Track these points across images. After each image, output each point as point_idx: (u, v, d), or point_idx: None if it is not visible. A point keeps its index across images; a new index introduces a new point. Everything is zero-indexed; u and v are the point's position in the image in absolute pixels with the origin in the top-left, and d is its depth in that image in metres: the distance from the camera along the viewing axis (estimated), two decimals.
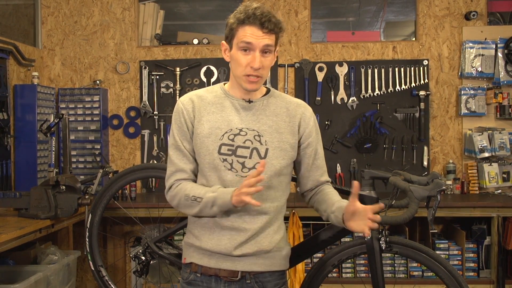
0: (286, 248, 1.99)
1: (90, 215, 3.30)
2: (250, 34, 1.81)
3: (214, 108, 1.93)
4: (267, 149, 1.89)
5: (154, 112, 4.43)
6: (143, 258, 2.88)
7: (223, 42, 1.93)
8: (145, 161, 4.47)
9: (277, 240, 1.93)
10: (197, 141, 1.90)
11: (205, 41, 4.49)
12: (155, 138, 4.45)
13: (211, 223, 1.89)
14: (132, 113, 4.49)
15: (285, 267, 2.00)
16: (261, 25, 1.80)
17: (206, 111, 1.92)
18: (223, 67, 4.40)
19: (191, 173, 1.94)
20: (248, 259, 1.88)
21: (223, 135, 1.88)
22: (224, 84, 2.00)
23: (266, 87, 2.01)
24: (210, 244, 1.88)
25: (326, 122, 4.32)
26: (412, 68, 4.32)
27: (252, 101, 1.93)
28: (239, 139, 1.88)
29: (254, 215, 1.87)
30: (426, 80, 4.31)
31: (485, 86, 4.26)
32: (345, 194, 2.42)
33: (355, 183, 1.77)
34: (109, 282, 3.30)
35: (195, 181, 1.95)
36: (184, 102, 1.95)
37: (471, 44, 4.25)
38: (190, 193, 1.86)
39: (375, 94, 4.32)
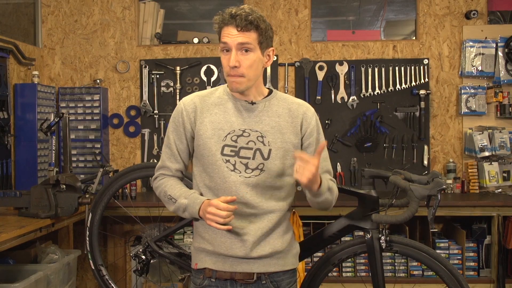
0: (296, 247, 2.05)
1: (90, 214, 3.30)
2: (227, 33, 1.85)
3: (217, 109, 1.94)
4: (270, 150, 1.90)
5: (154, 111, 4.43)
6: (143, 257, 2.88)
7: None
8: (145, 160, 4.47)
9: (288, 240, 1.98)
10: (200, 142, 1.92)
11: (205, 40, 4.49)
12: (155, 137, 4.45)
13: None
14: (132, 112, 4.49)
15: (296, 265, 2.04)
16: (235, 23, 1.83)
17: (209, 112, 1.94)
18: None
19: (175, 172, 2.00)
20: (263, 260, 1.91)
21: (226, 136, 1.90)
22: (228, 85, 2.01)
23: (268, 89, 2.02)
24: (224, 248, 1.89)
25: (327, 121, 4.32)
26: (413, 67, 4.31)
27: (254, 103, 1.94)
28: (242, 140, 1.89)
29: (260, 215, 1.89)
30: (427, 79, 4.31)
31: (486, 85, 4.26)
32: (345, 193, 2.42)
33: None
34: (109, 281, 3.30)
35: (180, 178, 2.02)
36: (185, 102, 1.97)
37: (471, 43, 4.25)
38: (167, 190, 1.94)
39: (375, 93, 4.32)
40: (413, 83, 4.30)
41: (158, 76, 4.44)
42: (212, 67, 4.41)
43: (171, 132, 1.98)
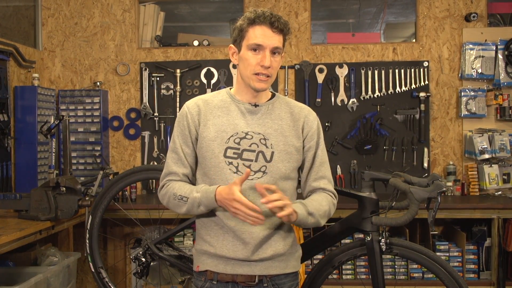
0: (298, 250, 2.04)
1: (90, 216, 3.30)
2: (261, 34, 1.85)
3: (220, 112, 1.94)
4: (272, 152, 1.90)
5: (155, 114, 4.43)
6: (143, 259, 2.88)
7: (231, 45, 1.95)
8: (145, 162, 4.46)
9: (290, 242, 1.97)
10: (203, 144, 1.92)
11: (205, 42, 4.49)
12: (155, 140, 4.45)
13: (221, 229, 1.90)
14: (133, 115, 4.49)
15: (298, 268, 2.03)
16: (271, 24, 1.85)
17: (212, 115, 1.94)
18: (223, 68, 4.40)
19: (183, 177, 1.96)
20: (264, 263, 1.90)
21: (229, 139, 1.90)
22: (230, 88, 2.02)
23: (271, 92, 2.03)
24: (225, 250, 1.88)
25: (326, 124, 4.32)
26: (412, 70, 4.32)
27: (258, 105, 1.95)
28: (245, 142, 1.89)
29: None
30: (426, 82, 4.31)
31: (485, 88, 4.26)
32: (345, 195, 2.42)
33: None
34: (109, 284, 3.30)
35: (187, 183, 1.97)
36: (189, 106, 1.97)
37: (471, 46, 4.25)
38: (177, 192, 1.90)
39: (375, 95, 4.32)
40: (413, 86, 4.30)
41: (158, 78, 4.45)
42: (212, 69, 4.42)
43: (177, 136, 1.97)
